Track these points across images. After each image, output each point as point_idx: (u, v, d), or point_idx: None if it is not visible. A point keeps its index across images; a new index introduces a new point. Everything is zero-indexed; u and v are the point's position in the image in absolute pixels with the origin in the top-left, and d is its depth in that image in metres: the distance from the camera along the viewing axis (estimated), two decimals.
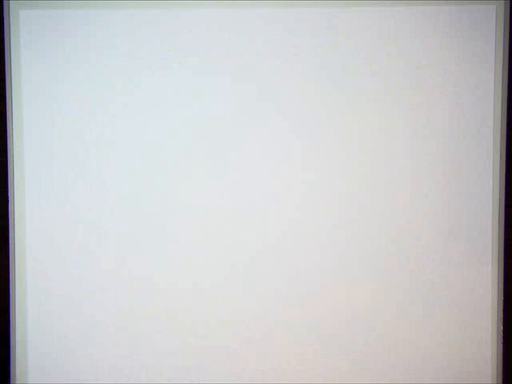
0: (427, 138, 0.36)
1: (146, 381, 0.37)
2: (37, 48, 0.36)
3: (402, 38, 0.36)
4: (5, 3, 0.35)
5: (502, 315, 0.37)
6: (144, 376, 0.37)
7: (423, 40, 0.36)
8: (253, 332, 0.37)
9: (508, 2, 0.36)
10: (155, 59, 0.36)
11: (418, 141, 0.36)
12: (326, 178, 0.36)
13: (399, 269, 0.37)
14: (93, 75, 0.36)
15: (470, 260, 0.37)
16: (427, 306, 0.37)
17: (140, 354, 0.37)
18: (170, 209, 0.37)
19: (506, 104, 0.36)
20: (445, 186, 0.37)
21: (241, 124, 0.36)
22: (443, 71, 0.36)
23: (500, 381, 0.38)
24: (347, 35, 0.36)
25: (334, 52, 0.36)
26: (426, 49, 0.36)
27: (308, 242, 0.37)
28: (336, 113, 0.36)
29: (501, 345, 0.37)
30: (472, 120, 0.36)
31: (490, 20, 0.35)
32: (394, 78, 0.36)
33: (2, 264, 0.37)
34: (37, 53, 0.36)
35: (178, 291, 0.37)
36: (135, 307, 0.37)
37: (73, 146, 0.36)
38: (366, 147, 0.36)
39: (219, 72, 0.36)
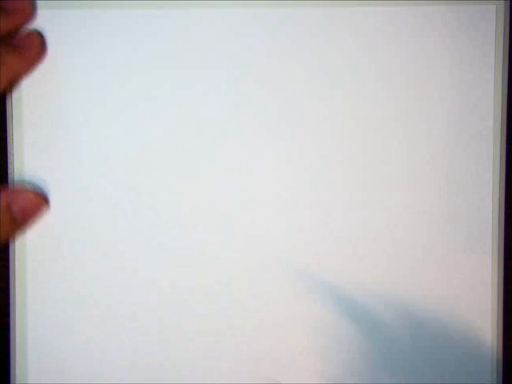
0: (426, 137, 0.36)
1: (149, 381, 0.37)
2: None
3: (401, 37, 0.35)
4: None
5: (501, 315, 0.37)
6: (146, 376, 0.37)
7: (422, 40, 0.35)
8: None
9: (508, 2, 0.35)
10: (155, 59, 0.36)
11: (417, 140, 0.36)
12: (326, 177, 0.36)
13: (399, 269, 0.37)
14: (92, 75, 0.36)
15: (470, 260, 0.37)
16: (427, 306, 0.37)
17: (142, 354, 0.37)
18: (171, 208, 0.37)
19: (506, 104, 0.36)
20: (444, 187, 0.37)
21: (241, 124, 0.36)
22: (443, 71, 0.36)
23: (500, 381, 0.38)
24: (345, 35, 0.36)
25: (332, 52, 0.36)
26: (425, 48, 0.36)
27: (311, 240, 0.37)
28: (335, 112, 0.36)
29: (501, 344, 0.37)
30: (472, 120, 0.36)
31: (490, 20, 0.35)
32: (392, 77, 0.36)
33: (2, 264, 0.37)
34: None
35: (179, 291, 0.37)
36: (137, 307, 0.37)
37: (73, 146, 0.36)
38: (364, 147, 0.36)
39: (219, 72, 0.36)
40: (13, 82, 0.35)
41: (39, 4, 0.35)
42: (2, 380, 0.37)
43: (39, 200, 0.35)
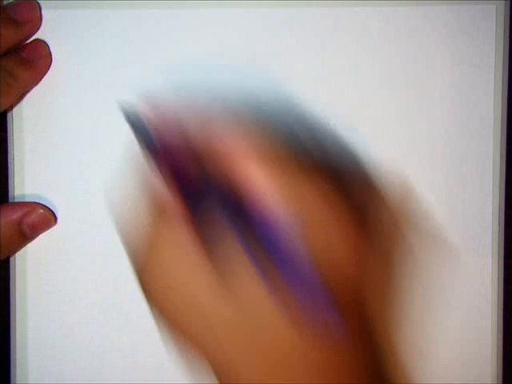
0: (426, 137, 0.36)
1: (149, 381, 0.37)
2: None
3: (401, 37, 0.36)
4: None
5: (502, 315, 0.37)
6: (147, 376, 0.37)
7: (423, 40, 0.36)
8: None
9: (508, 2, 0.35)
10: (155, 59, 0.36)
11: (417, 141, 0.36)
12: None
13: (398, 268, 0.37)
14: (93, 75, 0.36)
15: (470, 261, 0.37)
16: (427, 305, 0.37)
17: (143, 355, 0.37)
18: None
19: (506, 104, 0.36)
20: (444, 187, 0.37)
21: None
22: (443, 71, 0.36)
23: (500, 381, 0.38)
24: (345, 35, 0.36)
25: (333, 51, 0.36)
26: (425, 49, 0.36)
27: None
28: (336, 111, 0.36)
29: (501, 345, 0.38)
30: (472, 120, 0.36)
31: (490, 20, 0.35)
32: (393, 77, 0.36)
33: (2, 264, 0.37)
34: None
35: None
36: (138, 308, 0.37)
37: (73, 146, 0.36)
38: (364, 146, 0.36)
39: (224, 71, 0.36)
40: (22, 96, 0.35)
41: (42, 5, 0.35)
42: (2, 380, 0.37)
43: (49, 216, 0.35)
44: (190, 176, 0.28)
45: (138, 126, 0.30)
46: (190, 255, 0.27)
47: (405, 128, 0.36)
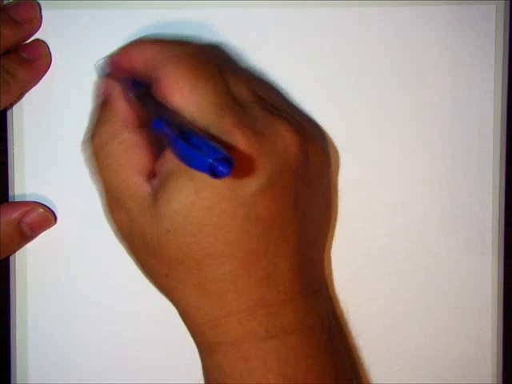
0: (426, 138, 0.36)
1: (149, 381, 0.37)
2: None
3: (401, 37, 0.36)
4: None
5: (502, 315, 0.37)
6: (147, 376, 0.37)
7: (423, 40, 0.36)
8: None
9: (508, 2, 0.35)
10: None
11: (417, 141, 0.36)
12: None
13: (398, 269, 0.37)
14: (93, 75, 0.36)
15: (470, 261, 0.37)
16: (426, 305, 0.37)
17: (142, 354, 0.37)
18: None
19: (506, 104, 0.36)
20: (444, 187, 0.37)
21: None
22: (443, 71, 0.36)
23: (500, 381, 0.38)
24: (345, 35, 0.36)
25: (331, 52, 0.36)
26: (425, 48, 0.36)
27: None
28: (335, 112, 0.36)
29: (501, 344, 0.38)
30: (472, 120, 0.36)
31: (490, 20, 0.35)
32: (392, 77, 0.36)
33: (2, 264, 0.37)
34: None
35: None
36: (137, 307, 0.37)
37: (74, 146, 0.36)
38: (364, 147, 0.36)
39: None
40: (22, 95, 0.35)
41: (42, 4, 0.35)
42: (2, 380, 0.37)
43: (48, 216, 0.35)
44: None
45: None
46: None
47: (405, 127, 0.36)
